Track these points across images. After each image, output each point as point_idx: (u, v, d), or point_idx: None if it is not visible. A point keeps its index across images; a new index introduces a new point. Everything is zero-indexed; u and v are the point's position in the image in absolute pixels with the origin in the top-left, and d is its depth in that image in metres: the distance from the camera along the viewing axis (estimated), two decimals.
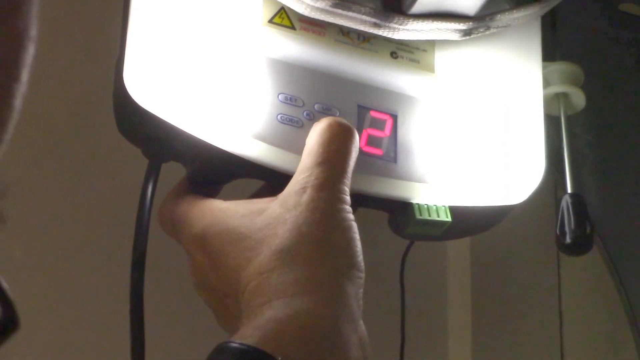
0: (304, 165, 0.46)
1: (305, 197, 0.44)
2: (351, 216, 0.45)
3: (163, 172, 0.52)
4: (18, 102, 0.29)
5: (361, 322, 0.42)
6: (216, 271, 0.45)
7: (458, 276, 1.25)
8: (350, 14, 0.52)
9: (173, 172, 0.54)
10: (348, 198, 0.45)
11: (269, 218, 0.44)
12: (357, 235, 0.44)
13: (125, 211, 0.56)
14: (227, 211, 0.47)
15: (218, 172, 0.52)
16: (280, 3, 0.52)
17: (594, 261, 0.94)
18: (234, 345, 0.36)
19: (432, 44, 0.57)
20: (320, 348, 0.38)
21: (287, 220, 0.43)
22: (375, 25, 0.53)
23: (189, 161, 0.53)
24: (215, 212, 0.47)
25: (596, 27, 0.84)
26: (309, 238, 0.42)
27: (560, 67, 0.71)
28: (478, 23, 0.55)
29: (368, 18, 0.52)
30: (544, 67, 0.64)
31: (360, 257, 0.43)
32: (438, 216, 0.54)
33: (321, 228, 0.43)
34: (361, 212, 0.57)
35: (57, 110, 1.05)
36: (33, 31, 0.30)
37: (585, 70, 0.73)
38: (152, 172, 0.52)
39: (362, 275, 0.43)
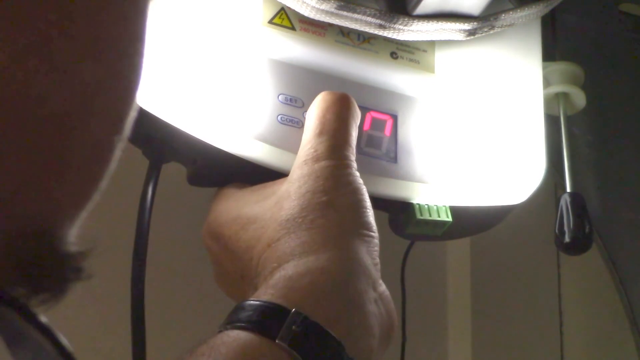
0: (304, 140, 0.46)
1: (307, 169, 0.44)
2: (358, 180, 0.45)
3: (163, 173, 0.52)
4: (117, 155, 0.28)
5: (380, 281, 0.42)
6: (231, 256, 0.46)
7: (458, 276, 1.25)
8: (355, 15, 0.52)
9: (173, 173, 0.54)
10: (352, 162, 0.45)
11: (277, 197, 0.45)
12: (364, 197, 0.44)
13: (126, 211, 0.56)
14: (241, 199, 0.47)
15: (218, 172, 0.52)
16: (280, 3, 0.52)
17: (594, 261, 0.94)
18: (250, 301, 0.37)
19: (432, 44, 0.57)
20: (333, 301, 0.38)
21: (291, 192, 0.43)
22: (380, 26, 0.53)
23: (189, 162, 0.53)
24: (229, 201, 0.48)
25: (596, 27, 0.84)
26: (313, 204, 0.42)
27: (560, 67, 0.71)
28: (482, 23, 0.55)
29: (373, 20, 0.52)
30: (544, 67, 0.64)
31: (369, 217, 0.43)
32: (438, 216, 0.54)
33: (325, 194, 0.43)
34: None
35: None
36: (139, 79, 0.28)
37: (585, 70, 0.73)
38: (153, 173, 0.52)
39: (373, 234, 0.43)
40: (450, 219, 0.54)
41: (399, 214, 0.55)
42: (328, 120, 0.46)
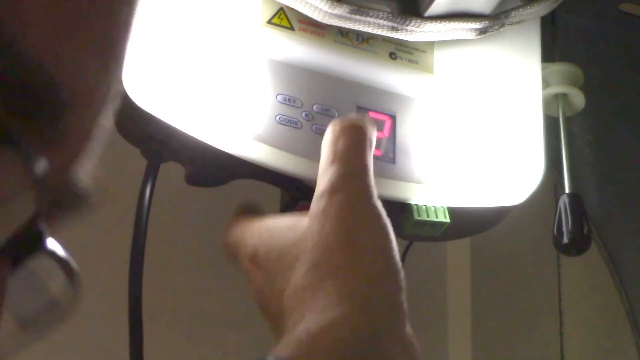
0: (320, 172, 0.44)
1: (324, 204, 0.41)
2: (379, 213, 0.42)
3: (162, 172, 0.52)
4: None
5: (407, 327, 0.40)
6: (267, 293, 0.44)
7: (458, 276, 1.25)
8: (368, 19, 0.52)
9: (172, 172, 0.54)
10: (372, 190, 0.42)
11: (301, 231, 0.42)
12: (389, 234, 0.41)
13: (124, 211, 0.56)
14: (272, 229, 0.45)
15: (216, 172, 0.52)
16: (279, 3, 0.52)
17: (594, 261, 0.94)
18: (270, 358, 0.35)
19: (431, 44, 0.57)
20: (357, 357, 0.36)
21: (314, 231, 0.41)
22: (393, 29, 0.53)
23: (188, 161, 0.53)
24: (262, 232, 0.46)
25: (596, 27, 0.83)
26: (334, 248, 0.40)
27: (559, 67, 0.71)
28: (493, 21, 0.56)
29: (386, 22, 0.52)
30: (543, 68, 0.64)
31: (392, 257, 0.40)
32: (437, 217, 0.54)
33: (345, 233, 0.40)
34: None
35: None
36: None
37: (585, 70, 0.73)
38: (151, 172, 0.52)
39: (400, 277, 0.40)
40: (448, 219, 0.54)
41: (397, 214, 0.54)
42: (340, 150, 0.43)
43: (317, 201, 0.42)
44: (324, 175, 0.43)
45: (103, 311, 0.95)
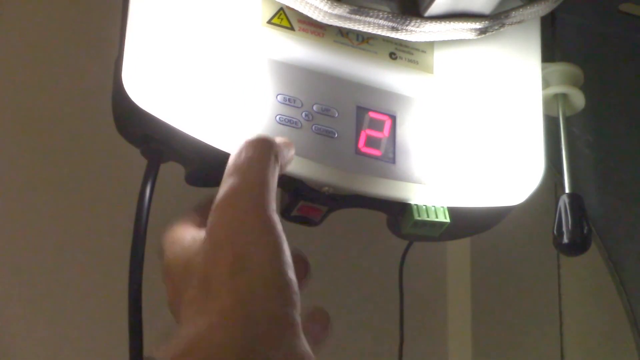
0: (221, 184, 0.43)
1: (216, 217, 0.41)
2: (274, 227, 0.40)
3: (162, 172, 0.52)
4: None
5: (298, 342, 0.38)
6: (177, 303, 0.44)
7: (458, 276, 1.25)
8: (368, 19, 0.52)
9: (172, 172, 0.54)
10: (269, 207, 0.41)
11: (197, 246, 0.43)
12: (280, 249, 0.40)
13: (124, 211, 0.56)
14: (179, 243, 0.46)
15: (216, 172, 0.52)
16: (279, 3, 0.52)
17: (594, 261, 0.94)
18: None
19: (431, 44, 0.57)
20: None
21: (206, 246, 0.41)
22: (393, 29, 0.53)
23: (188, 162, 0.53)
24: (174, 244, 0.46)
25: (596, 27, 0.84)
26: (219, 262, 0.39)
27: (559, 67, 0.71)
28: (494, 21, 0.56)
29: (386, 22, 0.52)
30: (543, 68, 0.64)
31: (283, 274, 0.39)
32: (437, 217, 0.54)
33: (232, 248, 0.39)
34: (360, 213, 0.57)
35: (56, 111, 1.05)
36: None
37: (585, 70, 0.73)
38: (151, 172, 0.51)
39: (288, 292, 0.39)
40: (448, 220, 0.54)
41: (397, 214, 0.55)
42: (240, 162, 0.43)
43: (211, 214, 0.41)
44: (221, 187, 0.42)
45: (103, 311, 0.95)
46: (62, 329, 0.99)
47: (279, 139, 0.46)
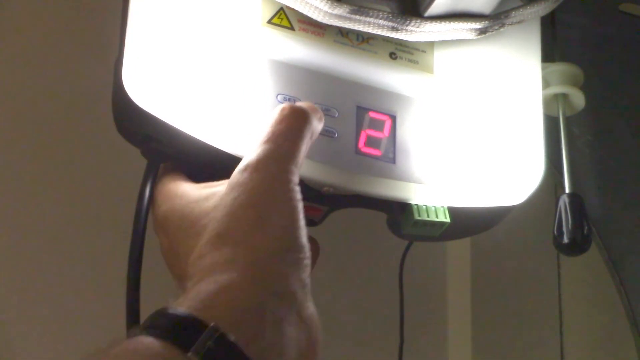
0: (253, 146, 0.45)
1: (244, 177, 0.42)
2: (295, 196, 0.43)
3: None
4: None
5: (308, 304, 0.41)
6: (173, 257, 0.46)
7: (458, 276, 1.25)
8: (368, 19, 0.52)
9: None
10: (294, 177, 0.43)
11: (215, 201, 0.44)
12: (298, 216, 0.42)
13: (124, 211, 0.56)
14: (184, 197, 0.47)
15: (216, 172, 0.52)
16: (279, 3, 0.52)
17: (594, 261, 0.94)
18: (170, 310, 0.37)
19: (431, 44, 0.57)
20: (251, 321, 0.37)
21: (227, 202, 0.42)
22: (393, 29, 0.53)
23: (188, 162, 0.53)
24: (176, 197, 0.47)
25: (596, 27, 0.84)
26: (242, 220, 0.41)
27: (559, 67, 0.71)
28: (493, 21, 0.56)
29: (386, 22, 0.52)
30: (543, 68, 0.64)
31: (299, 238, 0.41)
32: (437, 217, 0.54)
33: (257, 209, 0.41)
34: (360, 213, 0.57)
35: (56, 111, 1.05)
36: None
37: (585, 70, 0.73)
38: (151, 172, 0.52)
39: (303, 256, 0.41)
40: (448, 220, 0.54)
41: (397, 214, 0.55)
42: (278, 129, 0.44)
43: (239, 173, 0.43)
44: (254, 150, 0.44)
45: (102, 311, 0.95)
46: (61, 329, 0.99)
47: (312, 109, 0.47)
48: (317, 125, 0.47)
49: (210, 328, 0.35)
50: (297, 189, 0.43)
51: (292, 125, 0.45)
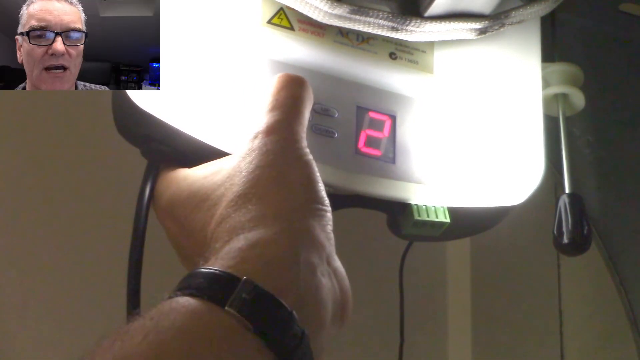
0: (258, 115, 0.46)
1: (257, 142, 0.44)
2: (308, 154, 0.44)
3: None
4: None
5: (335, 256, 0.42)
6: (187, 236, 0.46)
7: (458, 276, 1.25)
8: (368, 19, 0.52)
9: None
10: (303, 138, 0.45)
11: (227, 171, 0.45)
12: (314, 170, 0.44)
13: (124, 211, 0.56)
14: (189, 177, 0.48)
15: None
16: (279, 3, 0.52)
17: (594, 261, 0.94)
18: (201, 269, 0.37)
19: (431, 44, 0.57)
20: (284, 272, 0.38)
21: (242, 168, 0.43)
22: (393, 29, 0.53)
23: (188, 162, 0.53)
24: (179, 181, 0.48)
25: (596, 27, 0.84)
26: (263, 179, 0.42)
27: (559, 67, 0.71)
28: (493, 21, 0.56)
29: (386, 22, 0.52)
30: (543, 68, 0.64)
31: (320, 192, 0.43)
32: (437, 217, 0.54)
33: (275, 167, 0.43)
34: (360, 213, 0.57)
35: (56, 110, 1.05)
36: None
37: (585, 70, 0.73)
38: (151, 172, 0.52)
39: (326, 207, 0.43)
40: (448, 220, 0.54)
41: (397, 214, 0.55)
42: (281, 97, 0.46)
43: (250, 141, 0.44)
44: (261, 118, 0.46)
45: (101, 311, 0.95)
46: (60, 329, 0.99)
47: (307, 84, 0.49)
48: (311, 93, 0.49)
49: (244, 281, 0.36)
50: (307, 150, 0.45)
51: (293, 92, 0.47)
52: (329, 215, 0.43)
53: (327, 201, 0.43)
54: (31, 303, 1.00)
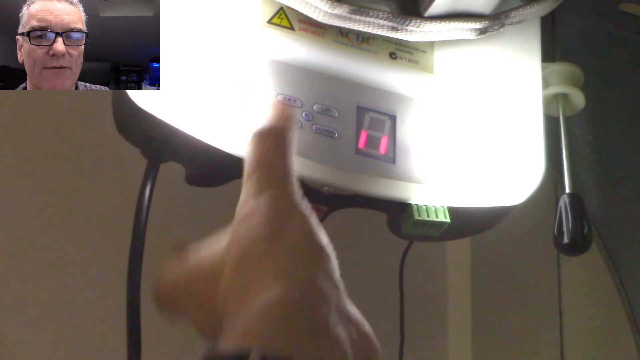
0: (244, 180, 0.44)
1: (249, 206, 0.43)
2: (302, 208, 0.43)
3: (161, 172, 0.52)
4: None
5: (348, 301, 0.41)
6: (197, 309, 0.44)
7: (458, 276, 1.25)
8: (368, 19, 0.52)
9: (172, 172, 0.54)
10: (294, 191, 0.43)
11: (228, 239, 0.43)
12: (312, 222, 0.42)
13: (124, 211, 0.56)
14: (195, 256, 0.45)
15: (216, 172, 0.52)
16: (279, 3, 0.52)
17: (594, 261, 0.94)
18: (215, 353, 0.36)
19: (431, 44, 0.57)
20: (293, 331, 0.37)
21: (240, 232, 0.42)
22: (393, 29, 0.53)
23: (188, 161, 0.53)
24: (179, 271, 0.46)
25: (596, 27, 0.84)
26: (260, 239, 0.41)
27: (559, 67, 0.71)
28: (493, 21, 0.56)
29: (386, 22, 0.52)
30: (543, 68, 0.64)
31: (320, 240, 0.41)
32: (437, 217, 0.54)
33: (271, 226, 0.41)
34: (360, 213, 0.57)
35: (56, 110, 1.05)
36: None
37: (585, 70, 0.73)
38: (151, 172, 0.52)
39: (325, 253, 0.41)
40: (448, 219, 0.54)
41: (397, 214, 0.55)
42: (261, 155, 0.44)
43: (243, 205, 0.43)
44: (247, 182, 0.44)
45: (101, 311, 0.95)
46: (60, 329, 0.99)
47: (284, 116, 0.46)
48: (292, 127, 0.46)
49: (253, 352, 0.34)
50: (302, 202, 0.43)
51: (272, 144, 0.45)
52: (333, 258, 0.41)
53: (327, 247, 0.42)
54: (31, 303, 0.99)
